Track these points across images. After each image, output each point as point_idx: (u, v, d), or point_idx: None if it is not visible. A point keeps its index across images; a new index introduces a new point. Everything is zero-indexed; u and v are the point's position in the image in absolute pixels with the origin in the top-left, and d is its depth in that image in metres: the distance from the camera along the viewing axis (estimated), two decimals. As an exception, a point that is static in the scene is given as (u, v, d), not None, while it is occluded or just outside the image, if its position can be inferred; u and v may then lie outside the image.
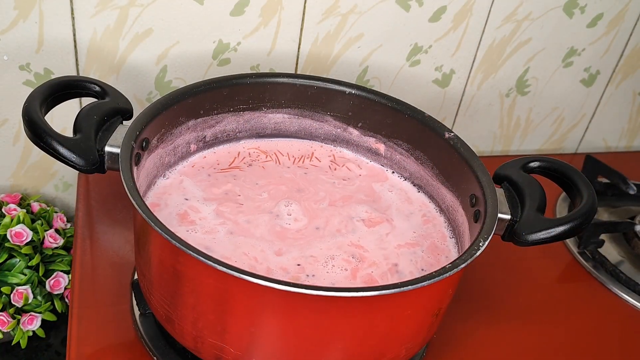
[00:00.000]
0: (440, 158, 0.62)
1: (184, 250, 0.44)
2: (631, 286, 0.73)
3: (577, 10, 0.85)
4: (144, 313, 0.60)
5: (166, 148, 0.61)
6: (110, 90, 0.57)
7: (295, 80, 0.65)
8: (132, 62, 0.74)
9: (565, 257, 0.77)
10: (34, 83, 0.72)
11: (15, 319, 0.72)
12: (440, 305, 0.52)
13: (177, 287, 0.49)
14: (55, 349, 0.78)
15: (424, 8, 0.79)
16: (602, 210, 0.84)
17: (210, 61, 0.76)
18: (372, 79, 0.84)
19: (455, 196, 0.61)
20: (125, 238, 0.69)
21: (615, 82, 0.96)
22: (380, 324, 0.49)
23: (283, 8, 0.74)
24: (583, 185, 0.56)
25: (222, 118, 0.64)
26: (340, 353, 0.50)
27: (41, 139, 0.50)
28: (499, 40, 0.85)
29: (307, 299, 0.44)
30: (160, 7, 0.70)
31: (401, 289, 0.44)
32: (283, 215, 0.60)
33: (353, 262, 0.55)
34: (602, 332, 0.68)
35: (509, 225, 0.55)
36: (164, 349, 0.57)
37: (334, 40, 0.79)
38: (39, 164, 0.79)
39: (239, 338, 0.49)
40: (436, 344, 0.62)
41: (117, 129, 0.54)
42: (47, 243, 0.74)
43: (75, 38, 0.70)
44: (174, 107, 0.58)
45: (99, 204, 0.73)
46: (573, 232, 0.54)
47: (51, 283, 0.73)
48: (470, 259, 0.47)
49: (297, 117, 0.67)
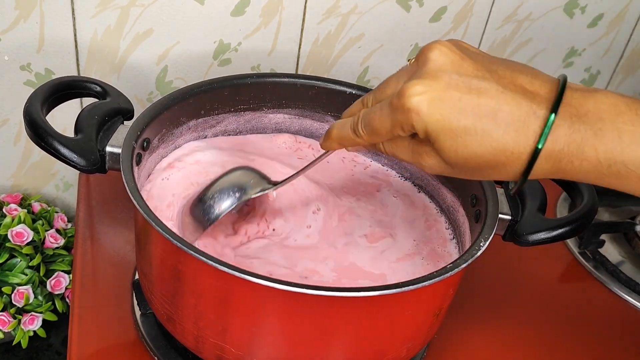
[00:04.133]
0: (440, 158, 0.62)
1: (185, 250, 0.44)
2: (632, 286, 0.73)
3: (577, 10, 0.85)
4: (144, 313, 0.60)
5: (167, 148, 0.61)
6: (111, 91, 0.57)
7: (295, 81, 0.65)
8: (133, 62, 0.74)
9: (566, 257, 0.77)
10: (35, 83, 0.72)
11: (16, 318, 0.72)
12: (441, 305, 0.52)
13: (178, 287, 0.49)
14: (56, 349, 0.78)
15: (425, 8, 0.79)
16: (602, 211, 0.84)
17: (211, 61, 0.76)
18: (372, 79, 0.84)
19: (455, 196, 0.61)
20: (126, 238, 0.69)
21: (615, 82, 0.96)
22: (381, 324, 0.49)
23: (284, 8, 0.74)
24: (583, 186, 0.56)
25: (222, 118, 0.64)
26: (341, 353, 0.50)
27: (42, 139, 0.51)
28: (499, 40, 0.85)
29: (308, 299, 0.45)
30: (161, 7, 0.70)
31: (402, 289, 0.44)
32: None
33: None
34: (603, 332, 0.68)
35: (510, 226, 0.55)
36: (165, 348, 0.57)
37: (335, 41, 0.79)
38: (40, 164, 0.79)
39: (240, 338, 0.49)
40: (437, 344, 0.62)
41: (118, 129, 0.54)
42: (48, 243, 0.74)
43: (76, 38, 0.70)
44: (174, 107, 0.58)
45: (100, 204, 0.73)
46: (574, 232, 0.54)
47: (52, 283, 0.73)
48: (471, 259, 0.47)
49: (297, 117, 0.67)
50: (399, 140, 0.43)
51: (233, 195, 0.51)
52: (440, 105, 0.38)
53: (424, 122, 0.39)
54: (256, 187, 0.52)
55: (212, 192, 0.52)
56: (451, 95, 0.38)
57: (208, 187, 0.53)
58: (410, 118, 0.39)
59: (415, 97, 0.39)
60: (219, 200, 0.51)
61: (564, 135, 0.38)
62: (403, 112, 0.39)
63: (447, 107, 0.38)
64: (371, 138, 0.43)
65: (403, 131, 0.41)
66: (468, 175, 0.41)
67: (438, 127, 0.39)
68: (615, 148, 0.37)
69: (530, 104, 0.38)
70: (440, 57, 0.40)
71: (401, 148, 0.43)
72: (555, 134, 0.38)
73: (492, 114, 0.38)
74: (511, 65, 0.40)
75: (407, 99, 0.39)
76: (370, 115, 0.43)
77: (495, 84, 0.39)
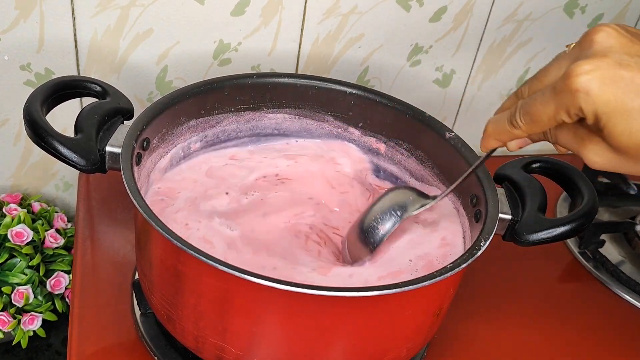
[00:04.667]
0: (441, 158, 0.62)
1: (185, 250, 0.44)
2: (632, 286, 0.73)
3: (577, 10, 0.85)
4: (144, 313, 0.60)
5: (167, 148, 0.61)
6: (111, 90, 0.57)
7: (295, 80, 0.65)
8: (132, 62, 0.74)
9: (566, 257, 0.77)
10: (35, 83, 0.72)
11: (15, 318, 0.72)
12: (442, 305, 0.52)
13: (178, 287, 0.49)
14: (55, 349, 0.78)
15: (425, 8, 0.79)
16: (602, 211, 0.84)
17: (211, 61, 0.76)
18: (372, 79, 0.84)
19: (456, 196, 0.61)
20: (126, 238, 0.69)
21: (615, 82, 0.96)
22: (381, 324, 0.49)
23: (284, 8, 0.74)
24: (584, 186, 0.56)
25: (222, 118, 0.64)
26: (341, 353, 0.50)
27: (42, 139, 0.51)
28: (499, 40, 0.85)
29: (308, 299, 0.44)
30: (161, 7, 0.70)
31: (402, 289, 0.44)
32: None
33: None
34: (603, 332, 0.68)
35: (510, 225, 0.55)
36: (165, 348, 0.57)
37: (335, 41, 0.79)
38: (40, 163, 0.79)
39: (240, 338, 0.49)
40: (437, 344, 0.62)
41: (118, 129, 0.54)
42: (48, 243, 0.74)
43: (76, 38, 0.70)
44: (174, 107, 0.58)
45: (100, 203, 0.73)
46: (574, 232, 0.54)
47: (52, 283, 0.73)
48: (472, 259, 0.47)
49: (297, 117, 0.67)
50: (562, 128, 0.41)
51: (395, 215, 0.52)
52: (612, 84, 0.36)
53: (594, 102, 0.36)
54: (416, 204, 0.53)
55: (373, 214, 0.53)
56: (623, 75, 0.36)
57: (367, 210, 0.54)
58: (578, 99, 0.37)
59: (584, 75, 0.36)
60: (382, 222, 0.52)
61: None
62: (570, 94, 0.37)
63: (619, 86, 0.36)
64: (531, 127, 0.41)
65: (569, 116, 0.38)
66: (637, 165, 0.38)
67: (610, 109, 0.36)
68: None
69: None
70: (607, 38, 0.38)
71: (565, 137, 0.41)
72: None
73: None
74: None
75: (574, 78, 0.36)
76: (529, 103, 0.40)
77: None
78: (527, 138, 0.45)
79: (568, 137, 0.41)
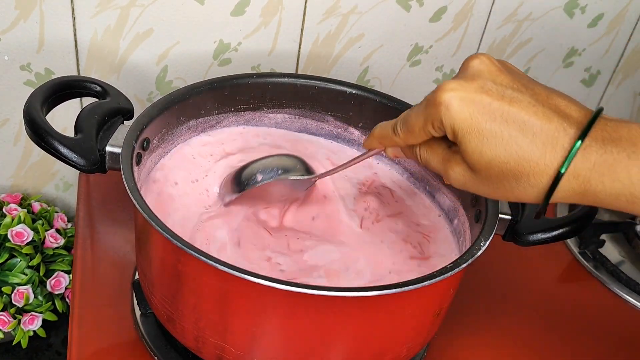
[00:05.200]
0: (441, 158, 0.62)
1: (185, 250, 0.44)
2: (632, 286, 0.73)
3: (577, 10, 0.85)
4: (145, 313, 0.60)
5: (167, 148, 0.61)
6: (111, 90, 0.57)
7: (296, 80, 0.65)
8: (132, 62, 0.74)
9: (566, 257, 0.77)
10: (35, 83, 0.72)
11: (16, 318, 0.72)
12: (442, 305, 0.52)
13: (178, 287, 0.49)
14: (56, 349, 0.78)
15: (425, 8, 0.79)
16: (602, 211, 0.84)
17: (211, 61, 0.76)
18: (372, 79, 0.84)
19: (456, 196, 0.61)
20: (126, 238, 0.69)
21: (615, 82, 0.96)
22: (381, 324, 0.49)
23: (284, 8, 0.74)
24: (584, 185, 0.56)
25: (222, 118, 0.64)
26: (341, 353, 0.50)
27: (42, 139, 0.51)
28: (499, 40, 0.85)
29: (308, 299, 0.45)
30: (161, 7, 0.70)
31: (402, 289, 0.44)
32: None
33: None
34: (603, 332, 0.68)
35: (510, 225, 0.55)
36: (165, 348, 0.58)
37: (335, 41, 0.79)
38: (40, 163, 0.79)
39: (240, 338, 0.49)
40: (437, 344, 0.62)
41: (118, 129, 0.54)
42: (48, 243, 0.74)
43: (76, 38, 0.70)
44: (174, 107, 0.58)
45: (100, 203, 0.73)
46: (574, 232, 0.54)
47: (52, 283, 0.73)
48: (472, 259, 0.47)
49: (297, 117, 0.67)
50: (433, 146, 0.44)
51: (275, 172, 0.56)
52: (471, 105, 0.39)
53: (452, 118, 0.40)
54: (297, 173, 0.57)
55: (260, 162, 0.57)
56: (482, 99, 0.39)
57: (259, 159, 0.58)
58: (440, 112, 0.40)
59: (448, 92, 0.40)
60: (262, 172, 0.56)
61: (595, 154, 0.37)
62: (435, 107, 0.40)
63: (476, 108, 0.39)
64: (406, 136, 0.45)
65: (433, 128, 0.42)
66: (492, 186, 0.41)
67: (465, 126, 0.40)
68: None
69: (561, 121, 0.38)
70: (479, 65, 0.41)
71: (434, 155, 0.44)
72: (586, 152, 0.37)
73: (521, 123, 0.39)
74: (549, 88, 0.41)
75: (440, 92, 0.40)
76: (409, 113, 0.44)
77: (528, 97, 0.39)
78: (402, 151, 0.48)
79: (437, 160, 0.44)
